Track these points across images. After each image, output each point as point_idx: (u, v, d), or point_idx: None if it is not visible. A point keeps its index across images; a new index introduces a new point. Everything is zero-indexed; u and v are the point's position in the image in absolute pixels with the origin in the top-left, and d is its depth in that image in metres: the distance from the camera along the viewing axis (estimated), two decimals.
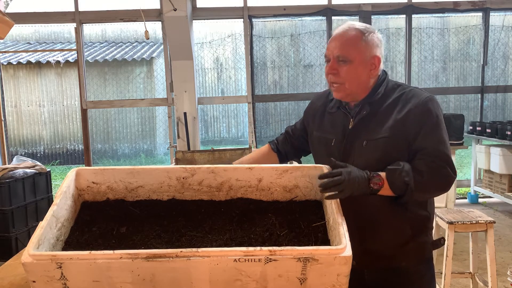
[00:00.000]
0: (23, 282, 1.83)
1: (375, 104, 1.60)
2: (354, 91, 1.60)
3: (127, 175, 1.55)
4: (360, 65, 1.57)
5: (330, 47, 1.59)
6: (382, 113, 1.58)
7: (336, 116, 1.69)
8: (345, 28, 1.60)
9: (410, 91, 1.59)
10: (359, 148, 1.58)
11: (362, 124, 1.60)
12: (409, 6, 5.77)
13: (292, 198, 1.58)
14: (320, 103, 1.79)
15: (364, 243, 1.58)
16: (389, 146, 1.53)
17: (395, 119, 1.54)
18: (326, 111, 1.75)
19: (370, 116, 1.59)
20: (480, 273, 3.14)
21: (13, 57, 9.28)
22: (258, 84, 5.93)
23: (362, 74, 1.58)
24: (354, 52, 1.55)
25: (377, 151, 1.55)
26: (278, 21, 5.97)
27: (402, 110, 1.55)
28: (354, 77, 1.57)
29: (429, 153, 1.50)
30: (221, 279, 1.17)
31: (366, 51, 1.57)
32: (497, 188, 5.67)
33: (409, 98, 1.57)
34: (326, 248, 1.17)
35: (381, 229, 1.59)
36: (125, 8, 5.63)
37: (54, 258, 1.13)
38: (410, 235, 1.59)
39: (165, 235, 1.40)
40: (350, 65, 1.56)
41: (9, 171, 4.23)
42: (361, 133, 1.59)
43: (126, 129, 9.53)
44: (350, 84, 1.58)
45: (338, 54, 1.56)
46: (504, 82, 6.21)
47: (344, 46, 1.56)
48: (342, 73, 1.57)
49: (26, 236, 4.16)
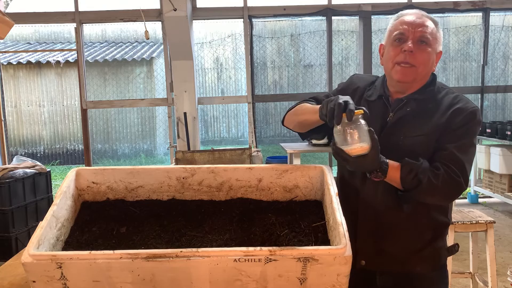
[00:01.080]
0: (23, 282, 1.83)
1: (421, 102, 1.54)
2: (420, 78, 1.53)
3: (127, 175, 1.55)
4: (432, 54, 1.51)
5: (411, 26, 1.49)
6: (425, 113, 1.52)
7: (374, 105, 1.59)
8: (421, 13, 1.54)
9: (457, 96, 1.54)
10: (396, 143, 1.51)
11: (403, 120, 1.53)
12: (409, 6, 5.76)
13: (292, 198, 1.58)
14: (360, 85, 1.67)
15: (380, 244, 1.54)
16: (425, 145, 1.48)
17: (437, 120, 1.50)
18: (363, 98, 1.64)
19: (413, 114, 1.53)
20: (480, 273, 3.14)
21: (13, 57, 9.28)
22: (258, 84, 5.93)
23: (431, 63, 1.52)
24: (433, 39, 1.50)
25: (413, 149, 1.48)
26: (278, 21, 5.97)
27: (446, 112, 1.50)
28: (428, 64, 1.51)
29: (448, 157, 1.45)
30: (221, 279, 1.17)
31: (439, 42, 1.53)
32: (497, 188, 5.67)
33: (456, 102, 1.51)
34: (326, 248, 1.17)
35: (400, 232, 1.54)
36: (125, 8, 5.63)
37: (54, 258, 1.13)
38: (428, 241, 1.55)
39: (165, 235, 1.40)
40: (427, 50, 1.49)
41: (9, 171, 4.23)
42: (400, 128, 1.52)
43: (126, 129, 9.53)
44: (423, 68, 1.50)
45: (422, 34, 1.48)
46: (504, 82, 6.21)
47: (428, 29, 1.49)
48: (420, 55, 1.48)
49: (26, 236, 4.16)
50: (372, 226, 1.55)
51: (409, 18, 1.52)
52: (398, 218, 1.53)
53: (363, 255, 1.56)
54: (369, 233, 1.55)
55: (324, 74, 5.98)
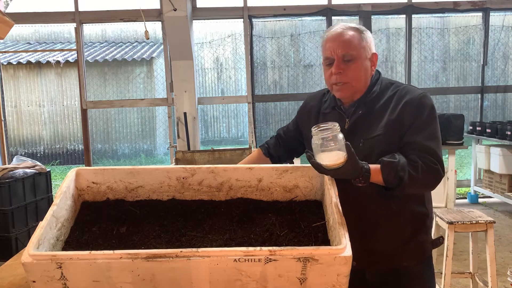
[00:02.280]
0: (23, 282, 1.83)
1: (370, 103, 1.61)
2: (359, 89, 1.60)
3: (127, 175, 1.55)
4: (364, 62, 1.58)
5: (332, 48, 1.57)
6: (377, 112, 1.59)
7: (331, 116, 1.68)
8: (341, 28, 1.59)
9: (403, 88, 1.60)
10: (356, 148, 1.51)
11: (358, 123, 1.61)
12: (409, 6, 5.77)
13: (292, 198, 1.58)
14: (314, 103, 1.79)
15: (365, 244, 1.58)
16: (384, 144, 1.54)
17: (390, 117, 1.55)
18: (320, 112, 1.74)
19: (366, 115, 1.60)
20: (480, 273, 3.14)
21: (13, 57, 9.28)
22: (258, 84, 5.93)
23: (366, 72, 1.60)
24: (358, 49, 1.56)
25: (374, 150, 1.55)
26: (278, 21, 5.97)
27: (396, 107, 1.56)
28: (360, 75, 1.58)
29: (420, 148, 1.49)
30: (221, 279, 1.17)
31: (367, 47, 1.59)
32: (497, 188, 5.67)
33: (403, 95, 1.57)
34: (326, 248, 1.17)
35: (382, 229, 1.59)
36: (125, 8, 5.63)
37: (54, 258, 1.13)
38: (410, 234, 1.60)
39: (165, 235, 1.40)
40: (356, 63, 1.56)
41: (9, 171, 4.23)
42: (357, 132, 1.59)
43: (126, 129, 9.53)
44: (357, 82, 1.58)
45: (344, 53, 1.55)
46: (504, 82, 6.21)
47: (348, 44, 1.55)
48: (349, 72, 1.56)
49: (26, 236, 4.16)
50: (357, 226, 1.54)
51: (330, 40, 1.59)
52: (380, 217, 1.59)
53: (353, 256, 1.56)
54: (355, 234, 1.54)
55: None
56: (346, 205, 1.50)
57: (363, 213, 1.58)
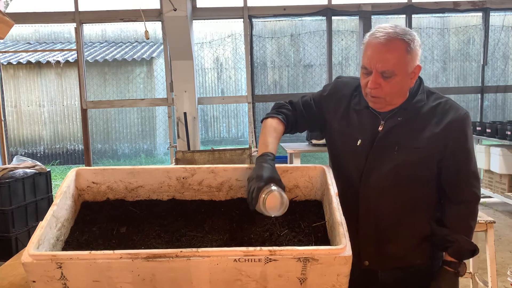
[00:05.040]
0: (23, 282, 1.83)
1: (412, 111, 1.53)
2: (393, 102, 1.53)
3: (127, 175, 1.55)
4: (404, 77, 1.47)
5: (373, 59, 1.45)
6: (417, 122, 1.52)
7: (363, 115, 1.59)
8: (388, 36, 1.43)
9: (446, 103, 1.54)
10: (389, 154, 1.53)
11: (394, 130, 1.53)
12: (409, 6, 5.77)
13: (292, 198, 1.58)
14: (346, 93, 1.65)
15: (381, 244, 1.57)
16: (422, 156, 1.50)
17: (433, 131, 1.50)
18: (350, 107, 1.62)
19: (405, 123, 1.52)
20: (480, 273, 3.13)
21: (13, 57, 9.28)
22: (258, 84, 5.93)
23: (404, 86, 1.50)
24: (400, 67, 1.44)
25: (409, 160, 1.51)
26: (278, 21, 5.97)
27: (440, 123, 1.50)
28: (397, 90, 1.49)
29: (468, 175, 1.54)
30: (221, 279, 1.17)
31: (411, 62, 1.46)
32: (497, 188, 5.67)
33: (447, 110, 1.52)
34: (326, 248, 1.17)
35: (401, 232, 1.58)
36: (125, 8, 5.63)
37: (54, 258, 1.13)
38: (427, 235, 1.59)
39: (165, 235, 1.40)
40: (394, 79, 1.45)
41: (9, 171, 4.23)
42: (392, 139, 1.52)
43: (126, 129, 9.53)
44: (392, 97, 1.50)
45: (384, 70, 1.43)
46: (504, 82, 6.21)
47: (390, 61, 1.43)
48: (386, 88, 1.46)
49: (26, 236, 4.16)
50: (373, 229, 1.57)
51: (372, 48, 1.45)
52: (399, 220, 1.57)
53: (366, 256, 1.59)
54: (371, 236, 1.58)
55: (324, 74, 5.98)
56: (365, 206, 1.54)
57: (381, 216, 1.56)
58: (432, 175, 1.56)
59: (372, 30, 1.48)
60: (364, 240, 1.57)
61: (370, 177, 1.55)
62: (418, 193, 1.56)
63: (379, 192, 1.54)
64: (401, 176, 1.52)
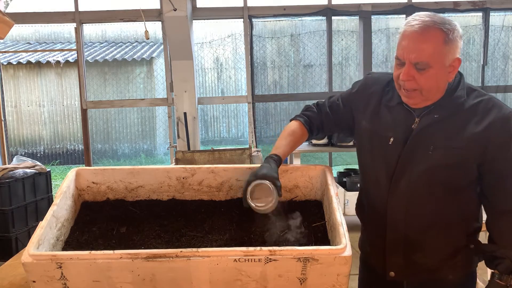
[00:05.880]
0: (23, 282, 1.83)
1: (451, 108, 1.40)
2: (430, 97, 1.39)
3: (127, 175, 1.56)
4: (441, 70, 1.34)
5: (406, 49, 1.33)
6: (456, 120, 1.39)
7: (396, 111, 1.46)
8: (424, 25, 1.32)
9: (489, 100, 1.41)
10: (424, 154, 1.40)
11: (430, 128, 1.40)
12: (409, 6, 5.76)
13: (292, 198, 1.58)
14: (376, 89, 1.53)
15: (410, 256, 1.47)
16: (461, 157, 1.38)
17: (473, 131, 1.36)
18: (382, 103, 1.50)
19: (442, 121, 1.39)
20: (480, 273, 3.13)
21: (13, 57, 9.27)
22: (258, 84, 5.93)
23: (441, 80, 1.37)
24: (436, 58, 1.32)
25: (446, 161, 1.38)
26: (278, 21, 5.97)
27: (481, 120, 1.37)
28: (433, 84, 1.36)
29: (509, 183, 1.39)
30: (221, 279, 1.17)
31: (449, 54, 1.33)
32: None
33: (490, 108, 1.38)
34: (326, 248, 1.17)
35: (431, 242, 1.46)
36: (125, 8, 5.63)
37: (54, 258, 1.14)
38: (461, 247, 1.47)
39: (165, 235, 1.40)
40: (429, 72, 1.33)
41: (9, 171, 4.23)
42: (427, 137, 1.40)
43: (126, 129, 9.53)
44: (428, 91, 1.37)
45: (417, 61, 1.32)
46: (504, 82, 6.21)
47: (425, 51, 1.31)
48: (420, 81, 1.34)
49: (26, 236, 4.16)
50: (401, 239, 1.47)
51: (407, 37, 1.35)
52: (430, 229, 1.45)
53: (392, 266, 1.50)
54: (398, 246, 1.48)
55: (324, 74, 5.98)
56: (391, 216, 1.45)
57: (414, 224, 1.45)
58: (470, 180, 1.43)
59: (408, 18, 1.38)
60: (391, 248, 1.48)
61: (401, 180, 1.43)
62: (454, 200, 1.43)
63: (410, 197, 1.42)
64: (435, 180, 1.40)
